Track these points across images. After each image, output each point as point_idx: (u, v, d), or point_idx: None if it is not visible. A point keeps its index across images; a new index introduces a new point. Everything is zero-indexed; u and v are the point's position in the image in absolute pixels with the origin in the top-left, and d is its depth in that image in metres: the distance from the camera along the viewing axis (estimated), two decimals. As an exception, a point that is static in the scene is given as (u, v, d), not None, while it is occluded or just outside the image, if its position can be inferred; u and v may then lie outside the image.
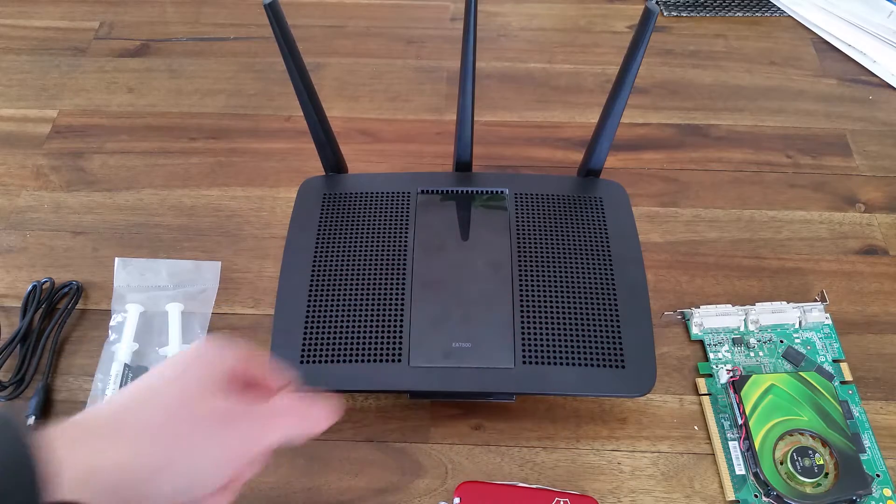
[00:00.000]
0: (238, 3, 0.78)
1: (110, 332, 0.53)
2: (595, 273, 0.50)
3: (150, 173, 0.63)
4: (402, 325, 0.48)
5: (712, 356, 0.52)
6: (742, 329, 0.53)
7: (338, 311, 0.49)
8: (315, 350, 0.47)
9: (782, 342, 0.53)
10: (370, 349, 0.47)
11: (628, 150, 0.65)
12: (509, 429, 0.49)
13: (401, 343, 0.47)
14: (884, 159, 0.65)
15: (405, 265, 0.51)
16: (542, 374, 0.46)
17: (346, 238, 0.52)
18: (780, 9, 0.77)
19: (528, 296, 0.49)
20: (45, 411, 0.49)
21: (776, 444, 0.47)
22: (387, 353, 0.47)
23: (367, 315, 0.48)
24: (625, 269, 0.51)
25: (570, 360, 0.47)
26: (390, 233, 0.52)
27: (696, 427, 0.49)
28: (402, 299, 0.49)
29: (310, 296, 0.49)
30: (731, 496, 0.46)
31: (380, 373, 0.46)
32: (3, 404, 0.50)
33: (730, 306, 0.54)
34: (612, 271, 0.51)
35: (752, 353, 0.52)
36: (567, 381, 0.46)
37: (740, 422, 0.48)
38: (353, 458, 0.48)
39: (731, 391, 0.50)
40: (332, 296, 0.49)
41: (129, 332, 0.52)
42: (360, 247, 0.52)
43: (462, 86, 0.49)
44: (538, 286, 0.50)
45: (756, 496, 0.46)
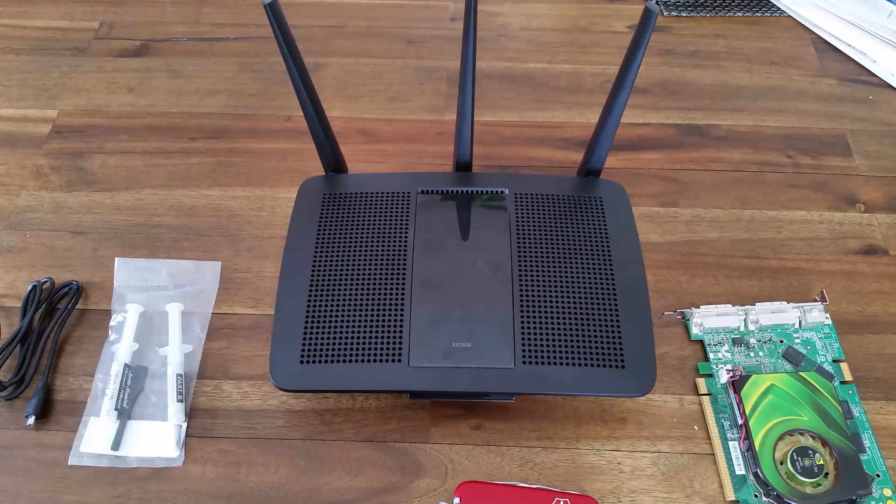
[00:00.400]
0: (238, 3, 0.78)
1: (110, 331, 0.53)
2: (595, 273, 0.50)
3: (150, 173, 0.63)
4: (402, 325, 0.48)
5: (712, 356, 0.52)
6: (742, 329, 0.53)
7: (338, 310, 0.49)
8: (315, 350, 0.47)
9: (782, 342, 0.53)
10: (370, 349, 0.47)
11: (628, 150, 0.65)
12: (509, 429, 0.49)
13: (401, 343, 0.47)
14: (884, 159, 0.65)
15: (405, 265, 0.51)
16: (542, 374, 0.46)
17: (346, 238, 0.52)
18: (779, 9, 0.77)
19: (527, 296, 0.49)
20: (45, 411, 0.49)
21: (776, 444, 0.47)
22: (387, 353, 0.47)
23: (367, 315, 0.48)
24: (625, 269, 0.51)
25: (570, 360, 0.47)
26: (390, 233, 0.52)
27: (696, 427, 0.49)
28: (402, 299, 0.49)
29: (310, 296, 0.49)
30: (731, 496, 0.46)
31: (380, 373, 0.46)
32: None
33: (730, 306, 0.54)
34: (612, 271, 0.51)
35: (752, 354, 0.52)
36: (567, 381, 0.46)
37: (740, 422, 0.48)
38: (353, 458, 0.48)
39: (731, 391, 0.50)
40: (332, 296, 0.49)
41: (129, 332, 0.52)
42: (360, 247, 0.52)
43: (462, 86, 0.49)
44: (538, 286, 0.50)
45: (756, 496, 0.46)
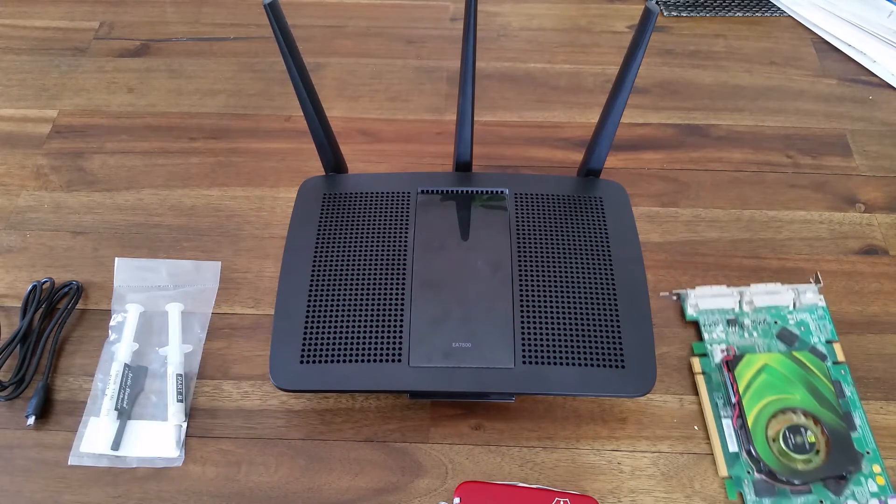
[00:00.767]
0: (238, 3, 0.78)
1: (110, 331, 0.53)
2: (595, 273, 0.50)
3: (150, 173, 0.63)
4: (402, 325, 0.48)
5: (707, 336, 0.53)
6: (737, 310, 0.54)
7: (338, 310, 0.49)
8: (315, 350, 0.47)
9: (776, 323, 0.53)
10: (370, 349, 0.47)
11: (628, 150, 0.65)
12: (509, 429, 0.49)
13: (401, 343, 0.47)
14: (884, 159, 0.65)
15: (405, 265, 0.51)
16: (542, 374, 0.46)
17: (346, 238, 0.52)
18: (779, 9, 0.77)
19: (528, 296, 0.49)
20: (45, 411, 0.49)
21: (769, 421, 0.47)
22: (387, 353, 0.47)
23: (367, 315, 0.48)
24: (625, 269, 0.51)
25: (570, 360, 0.47)
26: (390, 233, 0.52)
27: (696, 427, 0.49)
28: (402, 299, 0.49)
29: (310, 296, 0.49)
30: (723, 473, 0.47)
31: (380, 373, 0.46)
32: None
33: (724, 287, 0.54)
34: (612, 271, 0.51)
35: (746, 334, 0.53)
36: (567, 381, 0.46)
37: (734, 400, 0.49)
38: (353, 458, 0.48)
39: (725, 370, 0.50)
40: (332, 296, 0.49)
41: (129, 331, 0.52)
42: (360, 247, 0.52)
43: (462, 86, 0.49)
44: (538, 286, 0.50)
45: (749, 472, 0.47)
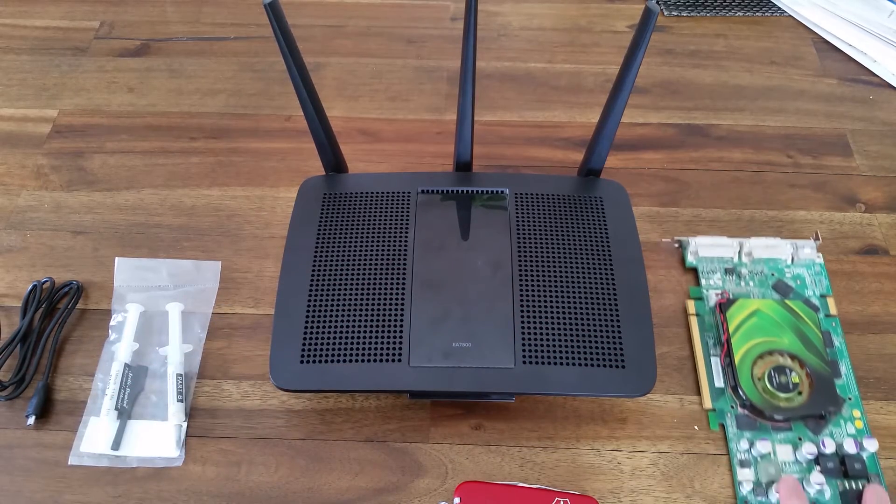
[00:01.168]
0: (238, 3, 0.78)
1: (110, 331, 0.53)
2: (595, 273, 0.50)
3: (150, 173, 0.63)
4: (402, 325, 0.48)
5: (704, 282, 0.54)
6: (735, 260, 0.55)
7: (338, 310, 0.49)
8: (315, 350, 0.47)
9: (773, 275, 0.54)
10: (370, 349, 0.47)
11: (628, 150, 0.65)
12: (509, 429, 0.49)
13: (401, 343, 0.47)
14: (884, 159, 0.65)
15: (405, 265, 0.51)
16: (542, 374, 0.46)
17: (346, 238, 0.52)
18: (780, 8, 0.77)
19: (528, 296, 0.49)
20: (45, 411, 0.49)
21: (755, 361, 0.49)
22: (387, 353, 0.47)
23: (367, 315, 0.48)
24: (625, 269, 0.51)
25: (570, 360, 0.47)
26: (390, 233, 0.52)
27: (696, 427, 0.49)
28: (402, 299, 0.49)
29: (310, 296, 0.49)
30: (707, 405, 0.49)
31: (380, 373, 0.46)
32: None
33: (725, 238, 0.56)
34: (612, 271, 0.51)
35: (742, 283, 0.54)
36: (567, 381, 0.46)
37: (723, 339, 0.50)
38: (353, 458, 0.48)
39: (718, 311, 0.51)
40: (332, 296, 0.49)
41: (130, 331, 0.52)
42: (360, 246, 0.52)
43: (462, 85, 0.49)
44: (538, 286, 0.50)
45: (732, 407, 0.49)
